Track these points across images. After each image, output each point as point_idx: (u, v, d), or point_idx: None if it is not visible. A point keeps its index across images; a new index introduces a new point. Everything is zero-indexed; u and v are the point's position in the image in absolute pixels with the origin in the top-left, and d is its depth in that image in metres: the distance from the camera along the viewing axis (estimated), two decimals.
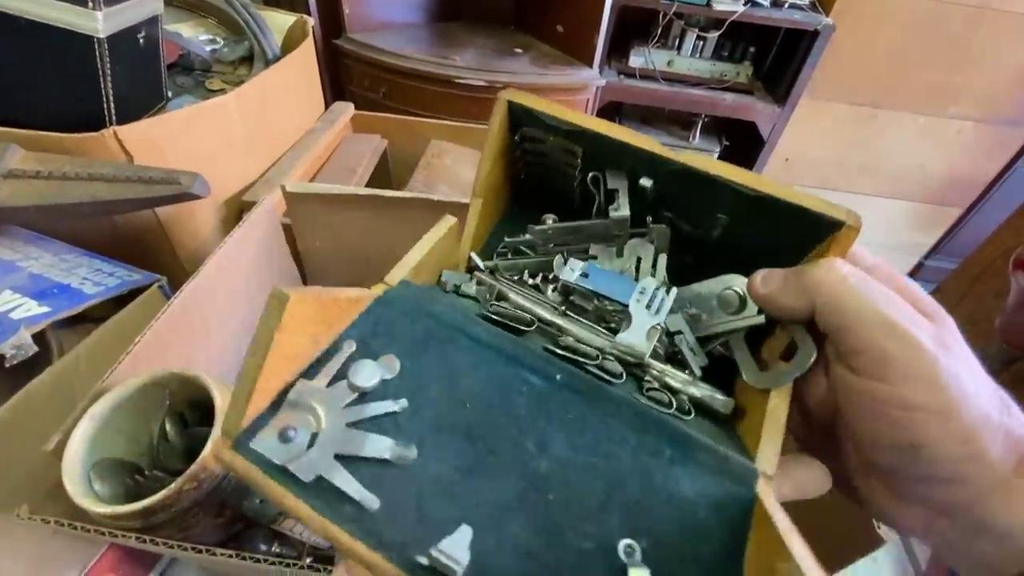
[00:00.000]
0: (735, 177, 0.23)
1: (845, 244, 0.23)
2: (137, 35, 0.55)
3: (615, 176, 0.28)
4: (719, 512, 0.19)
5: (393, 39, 1.36)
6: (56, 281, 0.45)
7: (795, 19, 1.42)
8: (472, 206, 0.29)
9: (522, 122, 0.28)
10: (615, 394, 0.22)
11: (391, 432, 0.19)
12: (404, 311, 0.22)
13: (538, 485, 0.19)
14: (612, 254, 0.29)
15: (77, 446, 0.33)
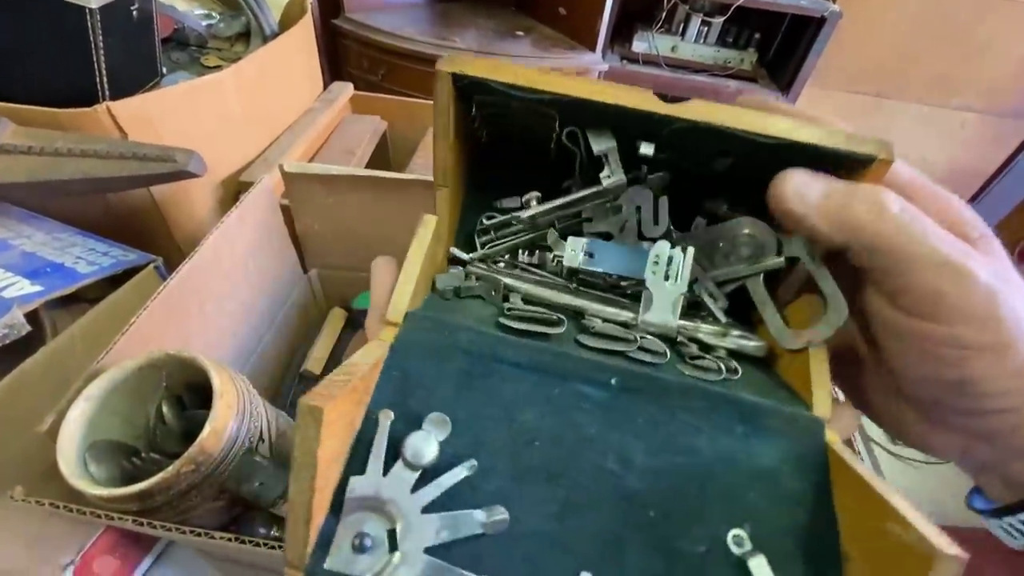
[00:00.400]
0: (749, 127, 0.21)
1: (875, 179, 0.21)
2: (130, 7, 0.53)
3: (600, 138, 0.24)
4: (801, 474, 0.19)
5: (392, 19, 1.34)
6: (49, 260, 0.44)
7: (802, 5, 1.40)
8: (439, 198, 0.25)
9: (474, 92, 0.23)
10: (671, 382, 0.21)
11: (471, 501, 0.17)
12: (427, 352, 0.20)
13: (635, 504, 0.18)
14: (607, 211, 0.26)
15: (72, 427, 0.32)
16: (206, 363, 0.34)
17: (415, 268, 0.22)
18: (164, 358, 0.35)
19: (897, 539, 0.16)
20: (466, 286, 0.25)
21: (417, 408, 0.18)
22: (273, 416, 0.40)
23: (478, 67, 0.21)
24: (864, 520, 0.18)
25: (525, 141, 0.27)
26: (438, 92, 0.22)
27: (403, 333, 0.20)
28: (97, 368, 0.35)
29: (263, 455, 0.36)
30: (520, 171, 0.28)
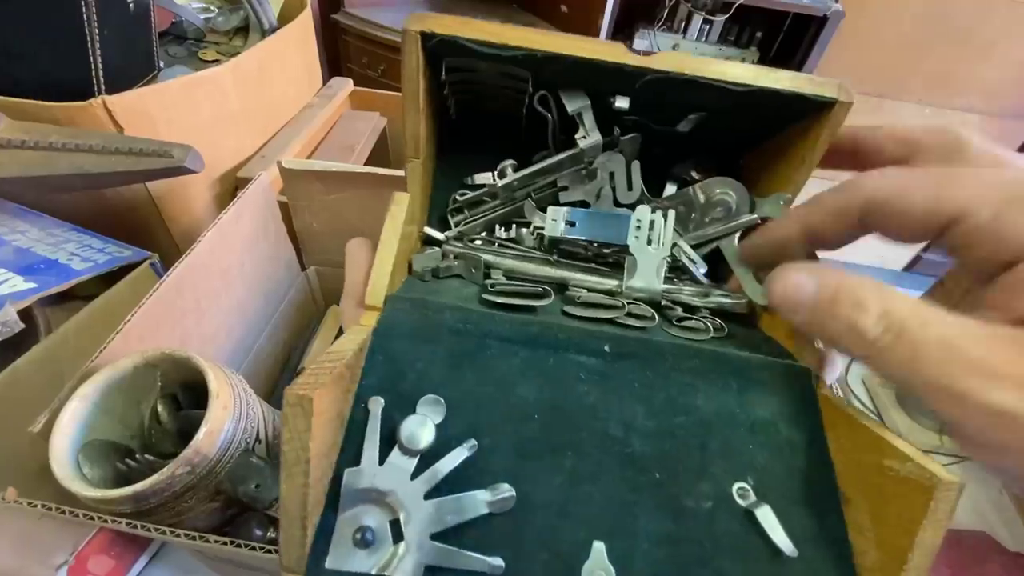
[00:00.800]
0: (718, 75, 0.21)
1: (837, 122, 0.22)
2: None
3: (574, 98, 0.24)
4: (795, 422, 0.20)
5: (393, 15, 1.33)
6: (43, 256, 0.44)
7: (804, 4, 1.39)
8: (410, 171, 0.24)
9: (445, 53, 0.22)
10: (664, 344, 0.21)
11: (476, 481, 0.17)
12: (412, 334, 0.19)
13: (641, 468, 0.18)
14: (582, 178, 0.26)
15: (66, 428, 0.32)
16: (202, 363, 0.34)
17: (391, 249, 0.21)
18: (159, 357, 0.35)
19: (895, 474, 0.16)
20: (444, 266, 0.24)
21: (408, 392, 0.18)
22: (270, 416, 0.39)
23: (447, 25, 0.20)
24: (860, 460, 0.18)
25: (494, 114, 0.26)
26: (406, 54, 0.21)
27: (385, 316, 0.19)
28: (91, 367, 0.35)
29: (259, 456, 0.35)
30: (490, 146, 0.27)
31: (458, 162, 0.27)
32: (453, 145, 0.28)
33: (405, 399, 0.18)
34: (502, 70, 0.23)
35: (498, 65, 0.22)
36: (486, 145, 0.27)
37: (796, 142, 0.24)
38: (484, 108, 0.26)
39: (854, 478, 0.18)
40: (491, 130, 0.27)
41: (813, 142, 0.22)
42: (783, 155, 0.25)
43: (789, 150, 0.24)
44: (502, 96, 0.25)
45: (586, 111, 0.24)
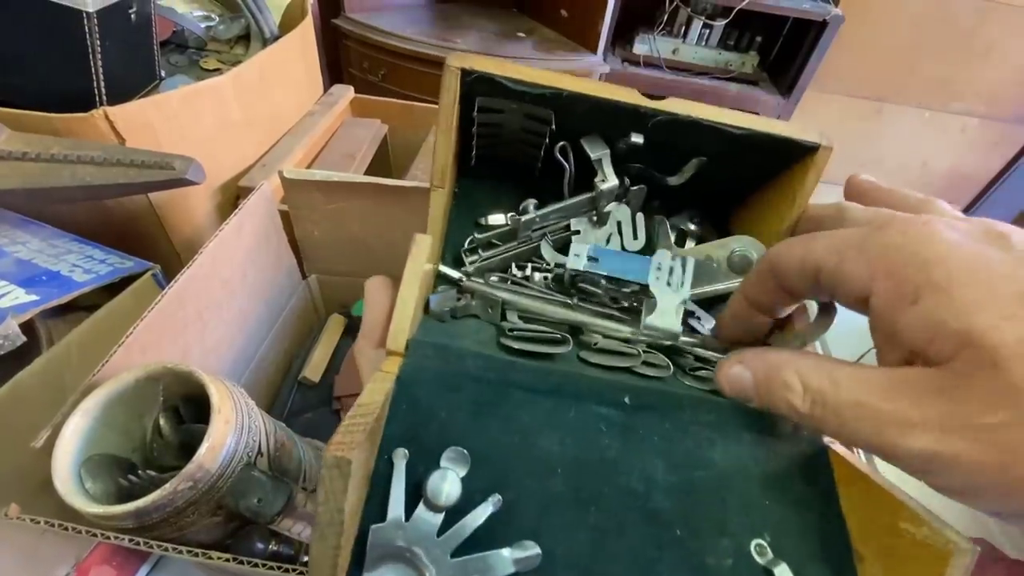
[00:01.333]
0: (721, 119, 0.23)
1: (821, 165, 0.24)
2: (128, 10, 0.52)
3: (594, 144, 0.26)
4: (808, 476, 0.20)
5: (393, 20, 1.33)
6: (45, 268, 0.44)
7: (804, 8, 1.39)
8: (434, 199, 0.25)
9: (478, 91, 0.24)
10: (682, 395, 0.21)
11: (500, 538, 0.17)
12: (435, 382, 0.19)
13: (663, 524, 0.18)
14: (592, 224, 0.28)
15: (68, 443, 0.32)
16: (204, 377, 0.34)
17: (413, 292, 0.21)
18: (161, 371, 0.35)
19: (910, 537, 0.17)
20: (461, 305, 0.24)
21: (432, 443, 0.18)
22: (271, 429, 0.39)
23: (485, 64, 0.23)
24: (874, 519, 0.18)
25: (511, 162, 0.28)
26: (446, 87, 0.23)
27: (408, 363, 0.20)
28: (94, 381, 0.35)
29: (262, 470, 0.35)
30: (504, 191, 0.28)
31: (472, 203, 0.28)
32: (469, 187, 0.29)
33: (429, 450, 0.18)
34: (527, 112, 0.24)
35: (524, 107, 0.24)
36: (501, 190, 0.28)
37: (785, 185, 0.25)
38: (503, 156, 0.28)
39: (868, 537, 0.18)
40: (506, 177, 0.29)
41: (801, 183, 0.24)
42: (774, 198, 0.26)
43: (780, 195, 0.26)
44: (522, 145, 0.27)
45: (605, 158, 0.26)
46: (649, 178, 0.28)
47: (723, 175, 0.27)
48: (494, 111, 0.25)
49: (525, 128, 0.26)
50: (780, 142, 0.23)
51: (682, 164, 0.27)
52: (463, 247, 0.27)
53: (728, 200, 0.30)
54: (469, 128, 0.26)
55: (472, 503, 0.17)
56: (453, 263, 0.27)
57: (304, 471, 0.43)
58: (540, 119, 0.25)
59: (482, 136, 0.27)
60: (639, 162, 0.27)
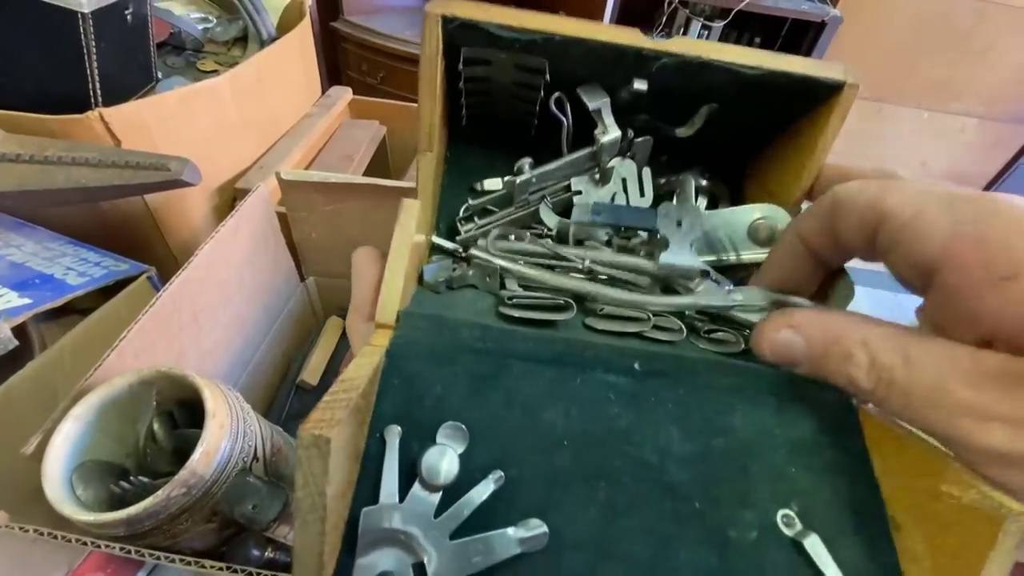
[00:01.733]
0: (731, 57, 0.21)
1: (846, 105, 0.21)
2: (124, 11, 0.52)
3: (592, 93, 0.24)
4: (837, 442, 0.18)
5: (392, 22, 1.33)
6: (38, 271, 0.43)
7: (803, 9, 1.39)
8: (422, 165, 0.23)
9: (463, 41, 0.22)
10: (696, 359, 0.20)
11: (504, 517, 0.16)
12: (429, 355, 0.18)
13: (680, 496, 0.17)
14: (596, 182, 0.26)
15: (59, 449, 0.31)
16: (199, 381, 0.33)
17: (402, 261, 0.20)
18: (155, 375, 0.34)
19: (955, 501, 0.15)
20: (457, 275, 0.23)
21: (427, 419, 0.17)
22: (268, 433, 0.39)
23: (468, 9, 0.20)
24: (912, 483, 0.17)
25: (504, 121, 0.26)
26: (426, 38, 0.21)
27: (399, 335, 0.18)
28: (86, 386, 0.34)
29: (257, 475, 0.34)
30: (499, 153, 0.26)
31: (466, 169, 0.27)
32: (461, 152, 0.27)
33: (424, 427, 0.17)
34: (518, 62, 0.22)
35: (514, 56, 0.22)
36: (495, 152, 0.26)
37: (805, 133, 0.23)
38: (495, 115, 0.26)
39: (905, 503, 0.17)
40: (500, 138, 0.27)
41: (823, 126, 0.22)
42: (792, 150, 0.24)
43: (798, 143, 0.24)
44: (514, 101, 0.25)
45: (605, 108, 0.23)
46: (655, 130, 0.26)
47: (736, 124, 0.25)
48: (482, 63, 0.23)
49: (517, 81, 0.23)
50: (799, 81, 0.21)
51: (691, 113, 0.25)
52: (458, 216, 0.26)
53: (742, 153, 0.28)
54: (457, 86, 0.24)
55: (471, 481, 0.16)
56: (448, 233, 0.26)
57: None
58: (533, 70, 0.22)
59: (471, 93, 0.25)
60: (643, 112, 0.25)
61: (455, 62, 0.22)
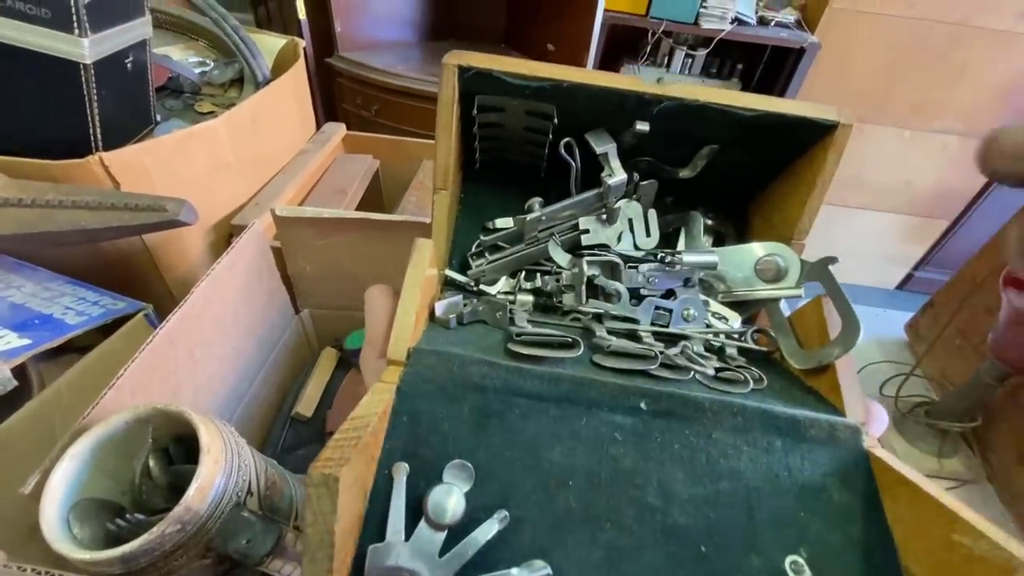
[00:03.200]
0: (729, 101, 0.22)
1: (841, 144, 0.22)
2: (125, 60, 0.54)
3: (599, 138, 0.25)
4: (848, 486, 0.18)
5: (385, 57, 1.37)
6: (38, 312, 0.44)
7: (781, 37, 1.44)
8: (438, 203, 0.24)
9: (477, 89, 0.23)
10: (702, 400, 0.19)
11: (507, 557, 0.16)
12: (437, 392, 0.18)
13: (685, 540, 0.17)
14: (602, 222, 0.27)
15: (56, 488, 0.32)
16: (194, 418, 0.34)
17: (414, 299, 0.20)
18: (151, 412, 0.35)
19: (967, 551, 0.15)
20: (468, 311, 0.23)
21: (434, 456, 0.17)
22: (262, 467, 0.39)
23: (481, 60, 0.22)
24: (924, 532, 0.17)
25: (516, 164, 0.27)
26: (443, 86, 0.23)
27: (409, 372, 0.19)
28: (83, 424, 0.35)
29: (251, 509, 0.35)
30: (510, 194, 0.28)
31: (479, 209, 0.28)
32: (474, 193, 0.28)
33: (431, 464, 0.17)
34: (528, 108, 0.24)
35: (525, 103, 0.23)
36: (506, 193, 0.28)
37: (803, 172, 0.24)
38: (507, 158, 0.27)
39: (917, 550, 0.17)
40: (511, 179, 0.28)
41: (821, 165, 0.23)
42: (793, 187, 0.25)
43: (798, 180, 0.25)
44: (525, 145, 0.26)
45: (611, 152, 0.25)
46: (659, 172, 0.27)
47: (737, 165, 0.26)
48: (495, 110, 0.24)
49: (528, 127, 0.25)
50: (794, 123, 0.22)
51: (692, 155, 0.26)
52: (470, 252, 0.27)
53: (745, 193, 0.29)
54: (471, 131, 0.25)
55: (477, 520, 0.16)
56: (461, 268, 0.26)
57: (296, 510, 0.42)
58: (542, 115, 0.24)
59: (485, 138, 0.26)
60: (647, 155, 0.26)
61: (470, 108, 0.24)
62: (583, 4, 1.25)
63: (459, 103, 0.23)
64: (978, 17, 1.54)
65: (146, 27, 0.56)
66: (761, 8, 1.51)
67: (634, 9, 1.42)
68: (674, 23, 1.42)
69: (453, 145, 0.24)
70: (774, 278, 0.24)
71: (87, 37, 0.47)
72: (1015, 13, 1.53)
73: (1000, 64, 1.62)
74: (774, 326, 0.24)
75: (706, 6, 1.39)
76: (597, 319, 0.24)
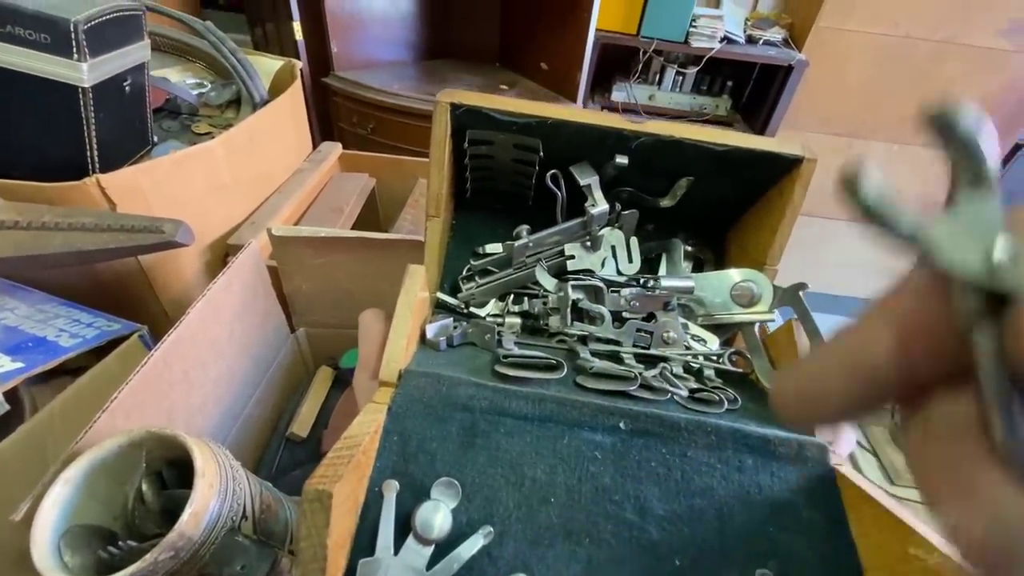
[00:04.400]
0: (702, 137, 0.24)
1: (807, 177, 0.25)
2: (123, 83, 0.55)
3: (583, 171, 0.27)
4: (815, 503, 0.19)
5: (380, 76, 1.38)
6: (31, 334, 0.44)
7: (770, 55, 1.47)
8: (430, 229, 0.26)
9: (468, 124, 0.25)
10: (679, 419, 0.21)
11: (491, 573, 0.16)
12: (425, 412, 0.19)
13: (660, 555, 0.18)
14: (586, 249, 0.29)
15: (47, 514, 0.31)
16: (188, 441, 0.34)
17: (405, 323, 0.22)
18: (145, 436, 0.35)
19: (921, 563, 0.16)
20: (458, 333, 0.25)
21: (422, 474, 0.18)
22: (257, 490, 0.39)
23: (472, 98, 0.24)
24: (884, 545, 0.17)
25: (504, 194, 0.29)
26: (436, 122, 0.24)
27: (400, 393, 0.20)
28: (76, 449, 0.34)
29: (246, 534, 0.35)
30: (500, 222, 0.29)
31: (469, 236, 0.29)
32: (465, 221, 0.30)
33: (418, 482, 0.18)
34: (516, 142, 0.25)
35: (512, 137, 0.25)
36: (496, 221, 0.29)
37: (775, 200, 0.26)
38: (496, 189, 0.29)
39: (878, 564, 0.18)
40: (501, 209, 0.30)
41: (790, 194, 0.25)
42: (765, 216, 0.27)
43: (770, 209, 0.27)
44: (513, 176, 0.28)
45: (594, 183, 0.27)
46: (640, 202, 0.29)
47: (713, 194, 0.28)
48: (484, 143, 0.26)
49: (515, 159, 0.27)
50: (763, 157, 0.24)
51: (671, 186, 0.28)
52: (460, 275, 0.28)
53: (722, 220, 0.31)
54: (463, 163, 0.27)
55: (462, 536, 0.17)
56: (451, 292, 0.28)
57: (291, 533, 0.42)
58: (529, 148, 0.26)
59: (475, 169, 0.28)
60: (628, 186, 0.28)
61: (461, 141, 0.26)
62: (575, 24, 1.28)
63: (451, 137, 0.25)
64: (962, 35, 1.58)
65: (144, 51, 0.57)
66: (749, 27, 1.55)
67: (625, 28, 1.45)
68: (664, 42, 1.45)
69: (445, 176, 0.25)
70: (749, 303, 0.26)
71: (86, 62, 0.48)
72: (997, 31, 1.57)
73: (984, 79, 1.65)
74: (749, 348, 0.26)
75: (696, 25, 1.42)
76: (582, 341, 0.25)
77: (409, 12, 1.51)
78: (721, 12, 1.47)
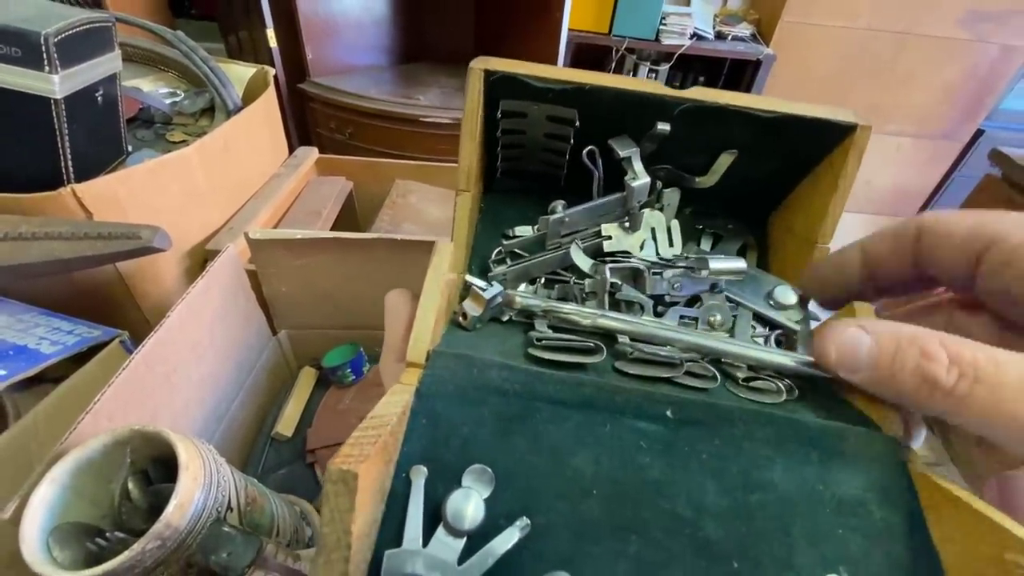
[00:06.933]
0: (747, 103, 0.22)
1: (861, 146, 0.23)
2: (95, 93, 0.56)
3: (622, 144, 0.25)
4: (889, 502, 0.17)
5: (357, 81, 1.39)
6: (11, 343, 0.45)
7: (739, 50, 1.51)
8: (460, 204, 0.24)
9: (501, 94, 0.23)
10: (732, 408, 0.18)
11: (529, 568, 0.15)
12: (456, 395, 0.18)
13: (717, 555, 0.16)
14: (624, 229, 0.26)
15: (35, 512, 0.32)
16: (172, 436, 0.35)
17: (433, 301, 0.20)
18: (129, 434, 0.36)
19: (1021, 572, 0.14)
20: (488, 315, 0.23)
21: (453, 460, 0.16)
22: (242, 484, 0.40)
23: (507, 64, 0.23)
24: (972, 550, 0.16)
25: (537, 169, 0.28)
26: (470, 90, 0.23)
27: (428, 374, 0.18)
28: (61, 449, 0.35)
29: (231, 524, 0.36)
30: (531, 202, 0.28)
31: (499, 218, 0.28)
32: (495, 202, 0.28)
33: (450, 468, 0.16)
34: (550, 113, 0.24)
35: (547, 108, 0.24)
36: (527, 203, 0.28)
37: (825, 175, 0.24)
38: (527, 168, 0.27)
39: (965, 571, 0.16)
40: (532, 191, 0.28)
41: (841, 168, 0.23)
42: (815, 190, 0.25)
43: (820, 184, 0.24)
44: (545, 153, 0.26)
45: (635, 156, 0.25)
46: (678, 181, 0.27)
47: (757, 171, 0.26)
48: (517, 115, 0.24)
49: (549, 133, 0.25)
50: (812, 124, 0.22)
51: (711, 163, 0.26)
52: (490, 258, 0.26)
53: (765, 202, 0.28)
54: (492, 142, 0.26)
55: (497, 528, 0.15)
56: (481, 275, 0.26)
57: (278, 526, 0.43)
58: (563, 120, 0.24)
59: (507, 146, 0.26)
60: (667, 163, 0.26)
61: (493, 115, 0.24)
62: (548, 25, 1.30)
63: (484, 106, 0.24)
64: (920, 25, 1.64)
65: (116, 61, 0.58)
66: (718, 23, 1.58)
67: (597, 28, 1.48)
68: (636, 40, 1.48)
69: (477, 147, 0.24)
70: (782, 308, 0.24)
71: (57, 74, 0.48)
72: (954, 20, 1.62)
73: (944, 68, 1.71)
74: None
75: (665, 23, 1.45)
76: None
77: (383, 16, 1.52)
78: (690, 10, 1.50)
